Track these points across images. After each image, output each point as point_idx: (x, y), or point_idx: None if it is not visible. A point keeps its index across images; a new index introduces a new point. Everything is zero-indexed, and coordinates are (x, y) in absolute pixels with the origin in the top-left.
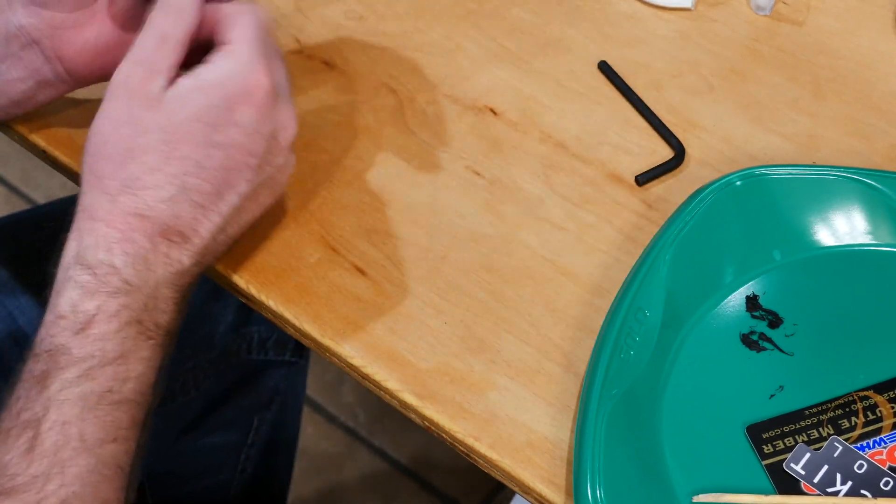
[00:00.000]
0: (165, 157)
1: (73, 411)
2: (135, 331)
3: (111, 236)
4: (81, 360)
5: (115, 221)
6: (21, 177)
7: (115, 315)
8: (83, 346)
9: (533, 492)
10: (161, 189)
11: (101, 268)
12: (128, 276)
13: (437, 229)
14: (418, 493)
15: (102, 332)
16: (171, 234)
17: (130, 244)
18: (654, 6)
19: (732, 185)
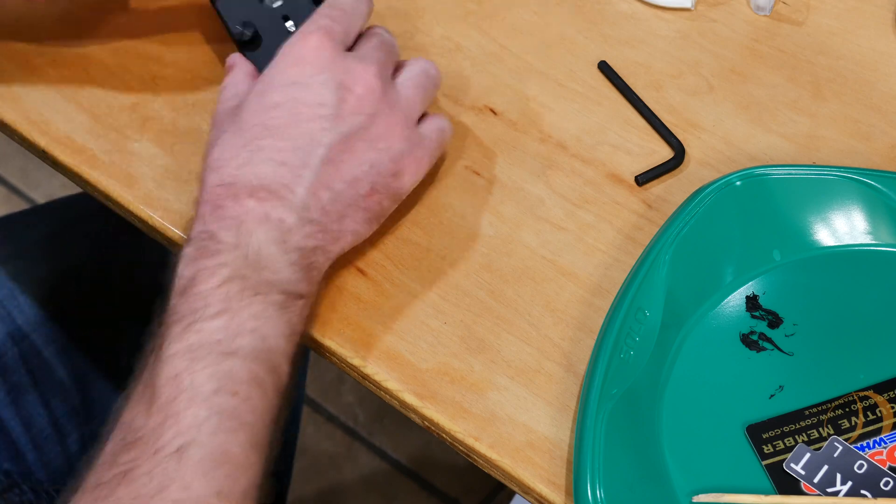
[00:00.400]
0: (235, 131)
1: (182, 364)
2: (238, 286)
3: (205, 210)
4: (185, 315)
5: (206, 196)
6: (21, 177)
7: (214, 272)
8: (186, 303)
9: (533, 492)
10: (237, 158)
11: (200, 237)
12: (223, 237)
13: (437, 229)
14: (418, 493)
15: (203, 289)
16: (259, 193)
17: (221, 209)
18: (654, 6)
19: (732, 185)
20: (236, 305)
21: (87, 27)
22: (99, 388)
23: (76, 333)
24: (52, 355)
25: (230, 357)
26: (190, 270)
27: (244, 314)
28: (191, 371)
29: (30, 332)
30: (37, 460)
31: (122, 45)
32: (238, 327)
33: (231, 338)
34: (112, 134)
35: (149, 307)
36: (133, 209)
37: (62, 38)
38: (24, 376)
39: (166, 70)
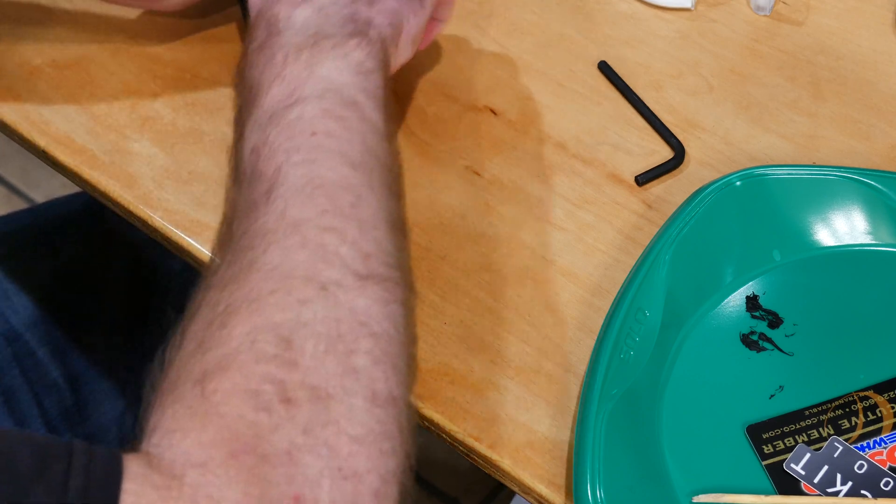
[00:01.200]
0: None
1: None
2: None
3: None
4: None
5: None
6: (21, 177)
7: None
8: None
9: (533, 492)
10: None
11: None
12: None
13: (437, 229)
14: (418, 493)
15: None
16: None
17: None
18: (654, 6)
19: (732, 185)
20: (285, 69)
21: (87, 27)
22: (93, 388)
23: (70, 334)
24: (46, 356)
25: (295, 106)
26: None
27: (294, 69)
28: (263, 136)
29: (23, 332)
30: None
31: (122, 45)
32: (294, 81)
33: (290, 92)
34: (112, 134)
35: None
36: (132, 209)
37: (62, 38)
38: (17, 377)
39: (166, 70)
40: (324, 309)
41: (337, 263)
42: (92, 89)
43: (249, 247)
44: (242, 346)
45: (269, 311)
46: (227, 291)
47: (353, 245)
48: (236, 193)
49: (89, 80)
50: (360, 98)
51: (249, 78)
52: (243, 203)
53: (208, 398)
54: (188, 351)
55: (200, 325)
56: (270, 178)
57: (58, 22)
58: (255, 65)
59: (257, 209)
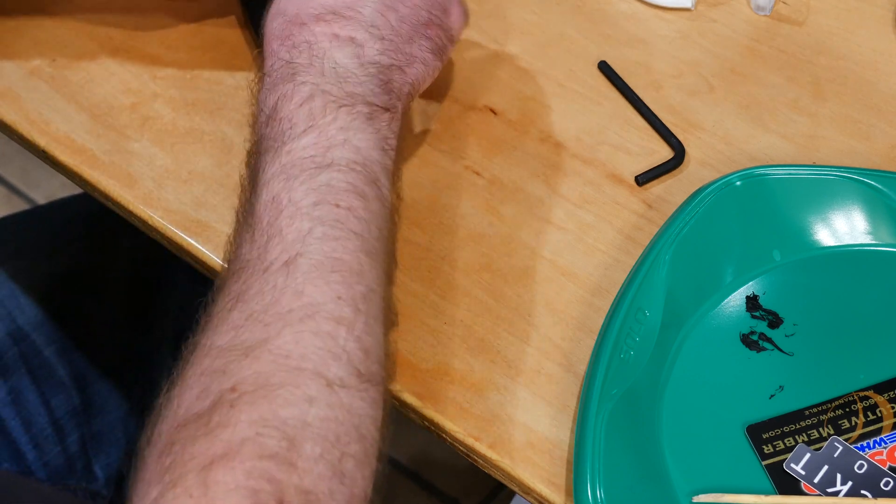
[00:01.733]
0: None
1: (279, 185)
2: (321, 102)
3: (273, 46)
4: (274, 140)
5: (275, 34)
6: (21, 177)
7: (294, 93)
8: (273, 128)
9: (533, 492)
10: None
11: (273, 68)
12: (297, 59)
13: (437, 229)
14: (418, 493)
15: (287, 111)
16: (325, 17)
17: (289, 38)
18: (654, 6)
19: (732, 185)
20: (322, 120)
21: (86, 27)
22: (99, 387)
23: (76, 333)
24: (53, 355)
25: (326, 169)
26: (271, 98)
27: (332, 127)
28: (288, 189)
29: (30, 331)
30: (36, 460)
31: (122, 45)
32: (328, 140)
33: (323, 151)
34: (112, 134)
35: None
36: (133, 209)
37: (62, 38)
38: (24, 376)
39: (166, 70)
40: (326, 408)
41: (344, 359)
42: (92, 89)
43: (264, 322)
44: (248, 436)
45: (277, 403)
46: (237, 363)
47: (358, 341)
48: (247, 237)
49: (89, 80)
50: (381, 177)
51: (281, 107)
52: (257, 258)
53: (210, 490)
54: (192, 422)
55: (205, 394)
56: (291, 244)
57: (58, 22)
58: (290, 96)
59: (274, 277)
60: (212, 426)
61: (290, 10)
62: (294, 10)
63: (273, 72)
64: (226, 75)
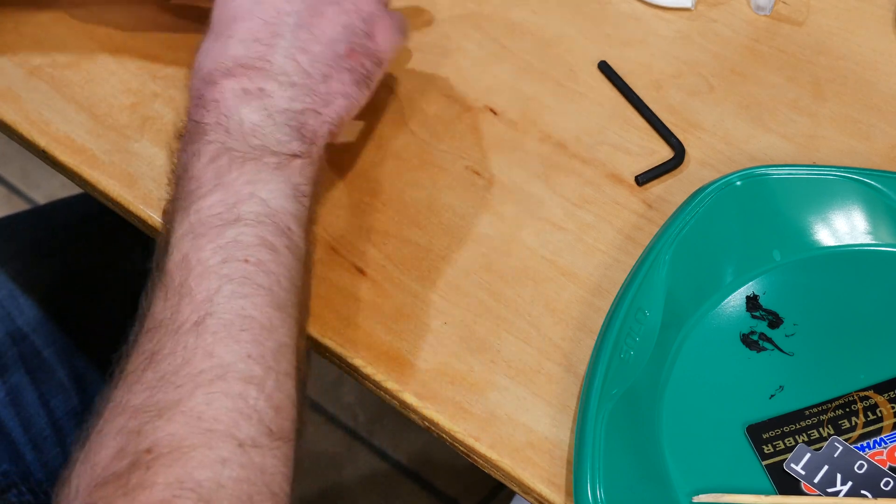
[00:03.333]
0: (207, 35)
1: (187, 244)
2: (227, 159)
3: (189, 108)
4: (184, 199)
5: (190, 94)
6: (21, 177)
7: (201, 152)
8: (183, 188)
9: (533, 492)
10: (211, 52)
11: (188, 127)
12: (205, 119)
13: (437, 229)
14: (418, 493)
15: (195, 170)
16: (234, 72)
17: (201, 99)
18: (654, 6)
19: (732, 185)
20: (228, 177)
21: (86, 27)
22: (99, 388)
23: (76, 334)
24: (52, 356)
25: (233, 225)
26: (183, 158)
27: (238, 183)
28: (197, 248)
29: (29, 332)
30: (36, 461)
31: (122, 45)
32: (235, 196)
33: (229, 208)
34: (112, 134)
35: None
36: (133, 209)
37: (62, 38)
38: (23, 377)
39: (166, 70)
40: (239, 469)
41: (255, 419)
42: (92, 89)
43: (176, 384)
44: (165, 499)
45: (191, 465)
46: (151, 424)
47: (269, 399)
48: (160, 295)
49: (89, 80)
50: (292, 226)
51: (191, 166)
52: (169, 318)
53: None
54: (110, 482)
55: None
56: (200, 304)
57: (58, 22)
58: (199, 155)
59: (185, 337)
60: (130, 487)
61: (203, 68)
62: (207, 67)
63: (186, 132)
64: None
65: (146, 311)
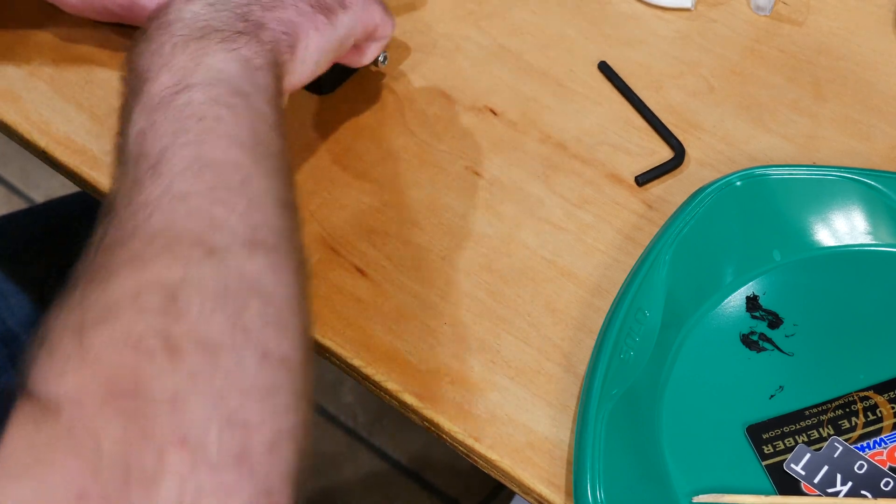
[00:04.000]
0: None
1: (141, 121)
2: (170, 45)
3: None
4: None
5: None
6: (21, 177)
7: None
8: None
9: (533, 492)
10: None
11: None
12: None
13: (437, 229)
14: (418, 493)
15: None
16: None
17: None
18: (654, 6)
19: (732, 185)
20: (174, 59)
21: (87, 27)
22: None
23: None
24: None
25: (184, 92)
26: (131, 58)
27: (183, 58)
28: (150, 121)
29: (20, 333)
30: None
31: (123, 45)
32: (182, 70)
33: (178, 80)
34: (112, 134)
35: None
36: None
37: (62, 38)
38: (13, 378)
39: None
40: (211, 270)
41: (226, 230)
42: (92, 89)
43: (132, 216)
44: (125, 300)
45: (154, 269)
46: (108, 255)
47: (241, 217)
48: (120, 174)
49: (89, 80)
50: (249, 89)
51: (137, 66)
52: (128, 182)
53: (86, 348)
54: (66, 308)
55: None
56: (156, 156)
57: (58, 22)
58: (143, 54)
59: (142, 185)
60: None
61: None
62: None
63: (135, 43)
64: None
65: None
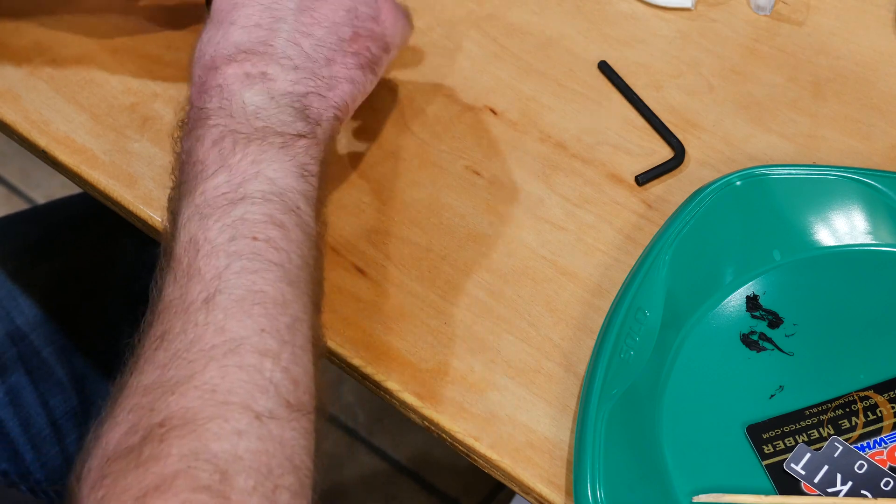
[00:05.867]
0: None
1: (193, 226)
2: (230, 141)
3: (191, 94)
4: (189, 182)
5: (193, 81)
6: (21, 177)
7: (205, 136)
8: (188, 172)
9: (533, 492)
10: (213, 40)
11: (191, 114)
12: (208, 105)
13: (437, 229)
14: (418, 493)
15: (200, 154)
16: (237, 58)
17: (204, 85)
18: (654, 6)
19: (732, 185)
20: (233, 159)
21: (87, 27)
22: (98, 388)
23: (75, 334)
24: (51, 355)
25: (239, 204)
26: (187, 144)
27: (243, 163)
28: (204, 228)
29: (29, 332)
30: (35, 460)
31: (122, 45)
32: (240, 176)
33: (235, 187)
34: (112, 134)
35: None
36: (133, 209)
37: (62, 38)
38: (22, 376)
39: (166, 70)
40: (257, 441)
41: (271, 392)
42: (92, 89)
43: (188, 359)
44: (180, 468)
45: (206, 437)
46: (164, 400)
47: (285, 372)
48: (169, 279)
49: (89, 80)
50: (301, 204)
51: (194, 154)
52: (178, 298)
53: None
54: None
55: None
56: (210, 282)
57: (58, 22)
58: (201, 140)
59: (195, 315)
60: (143, 460)
61: (206, 56)
62: (209, 54)
63: (189, 119)
64: None
65: (156, 297)
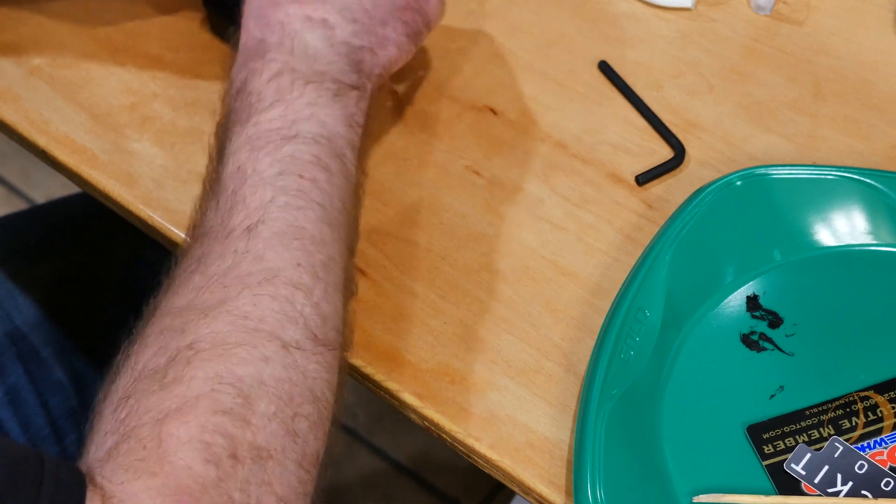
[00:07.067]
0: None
1: (244, 155)
2: (289, 78)
3: (248, 24)
4: (242, 112)
5: (251, 12)
6: (21, 177)
7: (263, 69)
8: (242, 101)
9: (533, 492)
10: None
11: (248, 43)
12: (268, 38)
13: (437, 229)
14: (418, 493)
15: (256, 85)
16: None
17: (264, 18)
18: (654, 6)
19: (732, 185)
20: (289, 95)
21: (86, 27)
22: (97, 388)
23: (75, 334)
24: (51, 355)
25: (291, 141)
26: (242, 73)
27: (299, 102)
28: (253, 160)
29: (28, 332)
30: None
31: (122, 45)
32: (295, 114)
33: (289, 124)
34: (111, 134)
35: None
36: (132, 209)
37: (62, 38)
38: (21, 376)
39: (166, 70)
40: (282, 369)
41: (300, 324)
42: (92, 89)
43: (223, 284)
44: (203, 391)
45: (233, 361)
46: (195, 322)
47: (315, 307)
48: (212, 204)
49: (89, 80)
50: (347, 152)
51: (250, 81)
52: (220, 224)
53: (163, 443)
54: (147, 377)
55: (163, 351)
56: (253, 211)
57: (58, 22)
58: (259, 72)
59: (236, 242)
60: (167, 381)
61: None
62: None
63: (245, 48)
64: (226, 76)
65: (197, 220)
